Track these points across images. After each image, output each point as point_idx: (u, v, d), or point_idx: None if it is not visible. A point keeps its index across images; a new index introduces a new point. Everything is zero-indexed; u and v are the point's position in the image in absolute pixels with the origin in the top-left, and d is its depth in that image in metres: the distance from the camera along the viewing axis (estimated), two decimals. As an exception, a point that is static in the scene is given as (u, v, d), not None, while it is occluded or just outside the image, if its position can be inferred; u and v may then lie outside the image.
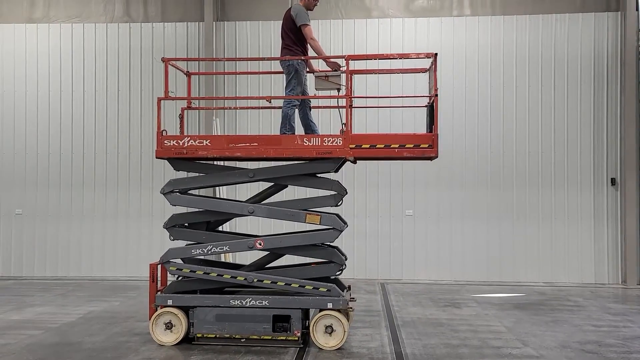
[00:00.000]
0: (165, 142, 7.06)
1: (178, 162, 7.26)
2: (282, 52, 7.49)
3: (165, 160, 7.21)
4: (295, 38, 7.35)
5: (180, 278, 7.40)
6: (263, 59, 8.73)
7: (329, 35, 12.14)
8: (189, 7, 12.51)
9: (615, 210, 11.76)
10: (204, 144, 7.02)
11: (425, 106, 7.35)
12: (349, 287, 7.61)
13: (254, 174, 7.07)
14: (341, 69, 7.26)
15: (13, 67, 12.64)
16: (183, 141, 7.03)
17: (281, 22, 7.55)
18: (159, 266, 7.28)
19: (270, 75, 11.52)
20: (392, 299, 9.93)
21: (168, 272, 7.20)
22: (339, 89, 7.30)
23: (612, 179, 11.77)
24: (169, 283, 7.37)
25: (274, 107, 8.30)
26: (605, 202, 11.79)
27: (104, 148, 12.48)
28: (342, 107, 7.00)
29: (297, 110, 7.47)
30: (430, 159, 7.27)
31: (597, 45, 11.88)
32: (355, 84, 7.38)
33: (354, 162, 7.68)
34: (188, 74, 8.07)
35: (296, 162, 7.27)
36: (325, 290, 6.81)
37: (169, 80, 7.23)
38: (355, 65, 8.35)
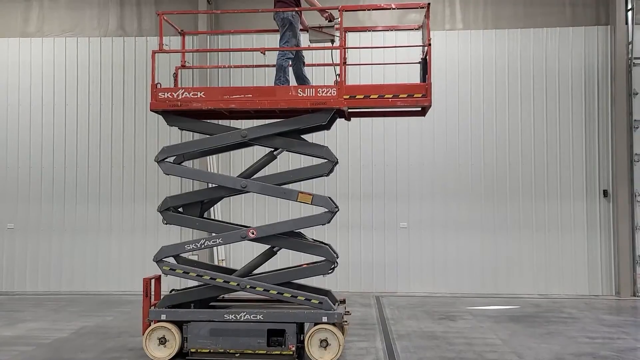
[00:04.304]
0: (160, 94, 7.03)
1: (172, 116, 7.22)
2: (275, 6, 7.58)
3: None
4: None
5: (172, 291, 7.39)
6: (257, 10, 8.71)
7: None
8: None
9: (608, 222, 11.80)
10: (199, 96, 6.98)
11: (419, 62, 7.43)
12: (344, 301, 7.60)
13: (247, 134, 7.04)
14: (335, 20, 7.32)
15: (6, 80, 12.62)
16: (177, 93, 6.99)
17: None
18: (153, 280, 7.25)
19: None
20: (387, 312, 9.91)
21: (161, 272, 7.15)
22: (332, 41, 7.35)
23: (604, 190, 11.83)
24: (162, 297, 7.33)
25: (268, 65, 8.21)
26: (598, 213, 11.84)
27: (97, 162, 12.44)
28: (337, 64, 7.00)
29: (290, 68, 7.51)
30: (424, 110, 7.31)
31: (588, 59, 11.99)
32: (348, 43, 7.47)
33: (348, 118, 7.70)
34: (182, 33, 8.10)
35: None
36: (317, 302, 6.79)
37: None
38: (349, 21, 8.32)
